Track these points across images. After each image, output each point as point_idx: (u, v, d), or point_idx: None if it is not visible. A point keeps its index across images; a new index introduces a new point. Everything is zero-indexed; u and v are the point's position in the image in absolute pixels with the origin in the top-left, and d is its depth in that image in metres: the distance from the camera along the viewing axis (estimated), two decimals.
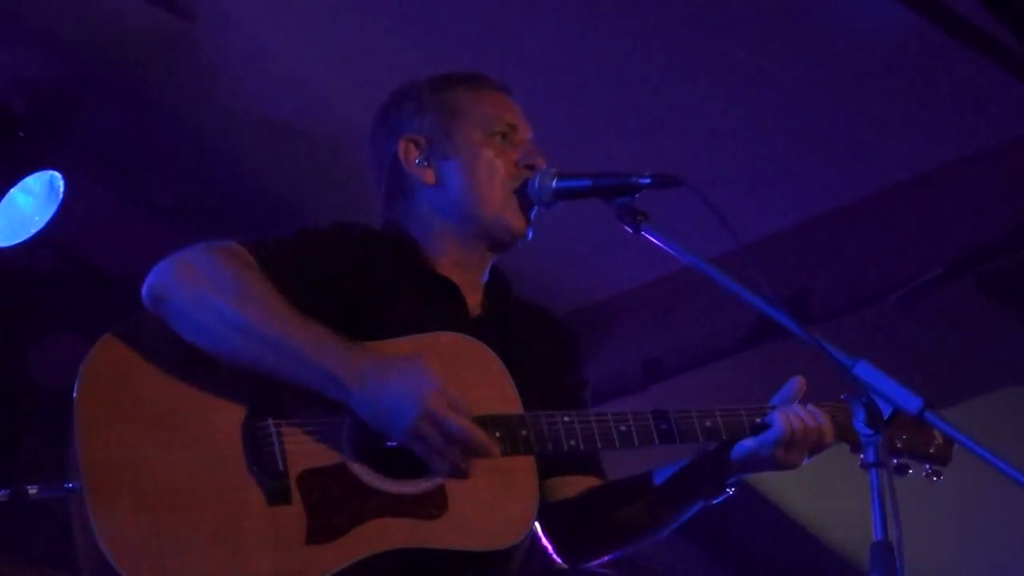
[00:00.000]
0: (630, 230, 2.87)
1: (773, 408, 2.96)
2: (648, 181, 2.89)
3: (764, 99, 5.35)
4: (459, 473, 2.75)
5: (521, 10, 5.09)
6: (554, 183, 3.02)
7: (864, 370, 2.55)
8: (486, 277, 3.15)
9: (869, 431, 2.53)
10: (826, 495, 6.86)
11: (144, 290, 2.81)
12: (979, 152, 5.49)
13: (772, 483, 7.05)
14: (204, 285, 2.77)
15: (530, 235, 3.10)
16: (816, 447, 2.96)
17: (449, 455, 2.73)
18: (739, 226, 2.82)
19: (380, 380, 2.72)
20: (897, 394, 2.51)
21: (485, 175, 3.08)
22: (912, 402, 2.50)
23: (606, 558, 3.13)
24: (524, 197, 3.06)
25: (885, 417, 2.52)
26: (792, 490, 7.17)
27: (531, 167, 3.08)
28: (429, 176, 3.12)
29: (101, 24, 5.12)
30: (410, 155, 3.14)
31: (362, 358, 2.75)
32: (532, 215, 3.08)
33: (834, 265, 5.82)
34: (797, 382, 3.00)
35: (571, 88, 5.31)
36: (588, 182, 2.97)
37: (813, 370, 2.94)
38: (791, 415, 2.93)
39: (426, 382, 2.73)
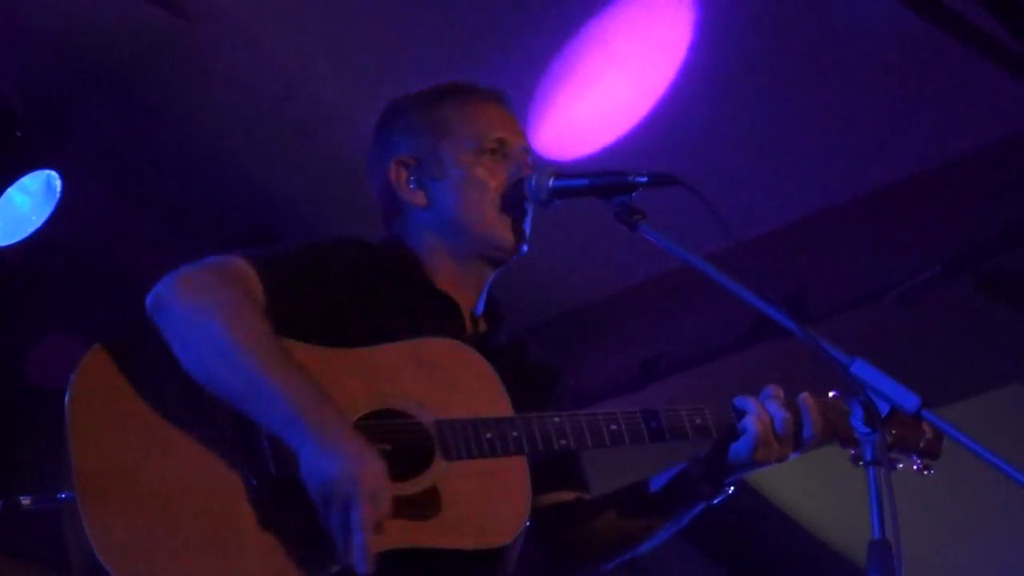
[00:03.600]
0: (627, 228, 2.88)
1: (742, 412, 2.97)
2: (645, 180, 2.90)
3: (759, 96, 5.35)
4: (334, 556, 2.65)
5: (517, 7, 5.09)
6: (551, 182, 3.02)
7: (861, 368, 2.55)
8: (483, 300, 3.16)
9: (867, 429, 2.54)
10: (825, 494, 6.87)
11: (148, 298, 2.81)
12: (976, 150, 5.49)
13: (771, 483, 7.05)
14: (199, 305, 2.77)
15: (524, 250, 3.10)
16: (798, 438, 2.97)
17: (335, 533, 2.63)
18: (736, 224, 2.83)
19: (337, 438, 2.65)
20: (894, 392, 2.52)
21: (475, 194, 3.07)
22: (909, 400, 2.51)
23: (601, 567, 3.15)
24: (515, 210, 3.06)
25: (883, 415, 2.53)
26: (791, 489, 7.17)
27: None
28: (420, 198, 3.11)
29: (98, 23, 5.11)
30: (400, 177, 3.13)
31: (334, 415, 2.69)
32: (525, 227, 3.08)
33: (831, 263, 5.82)
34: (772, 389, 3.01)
35: (568, 86, 5.30)
36: (585, 181, 2.97)
37: (810, 368, 2.95)
38: (758, 417, 2.93)
39: (371, 465, 2.64)
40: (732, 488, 3.04)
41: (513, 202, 3.07)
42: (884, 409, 2.52)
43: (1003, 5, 4.78)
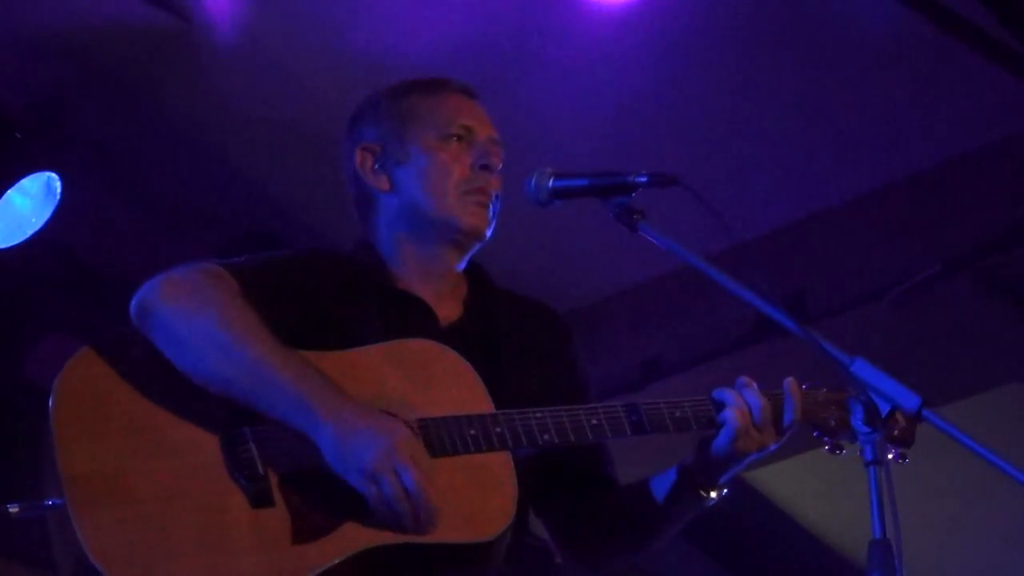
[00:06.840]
0: (627, 229, 2.88)
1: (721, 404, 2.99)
2: (644, 180, 2.89)
3: (759, 97, 5.35)
4: (403, 527, 2.71)
5: (516, 10, 5.09)
6: (550, 182, 3.02)
7: (862, 368, 2.55)
8: (457, 274, 3.16)
9: (867, 429, 2.54)
10: (825, 494, 6.87)
11: (132, 306, 2.84)
12: (975, 149, 5.49)
13: (771, 483, 7.05)
14: (189, 304, 2.80)
15: (487, 235, 3.12)
16: (778, 425, 2.97)
17: (397, 505, 2.70)
18: (736, 224, 2.83)
19: (354, 418, 2.72)
20: (895, 392, 2.52)
21: (438, 177, 3.09)
22: (910, 400, 2.51)
23: (612, 561, 3.16)
24: (479, 194, 3.08)
25: (883, 415, 2.53)
26: (791, 489, 7.17)
27: (486, 167, 3.11)
28: (384, 183, 3.14)
29: (97, 24, 5.11)
30: (365, 164, 3.17)
31: (339, 395, 2.76)
32: (490, 211, 3.10)
33: (831, 263, 5.82)
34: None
35: (566, 89, 5.30)
36: (584, 181, 2.97)
37: (810, 368, 2.95)
38: (736, 407, 2.95)
39: (398, 430, 2.73)
40: (727, 489, 3.05)
41: (477, 187, 3.09)
42: (884, 408, 2.52)
43: (1003, 5, 4.78)
